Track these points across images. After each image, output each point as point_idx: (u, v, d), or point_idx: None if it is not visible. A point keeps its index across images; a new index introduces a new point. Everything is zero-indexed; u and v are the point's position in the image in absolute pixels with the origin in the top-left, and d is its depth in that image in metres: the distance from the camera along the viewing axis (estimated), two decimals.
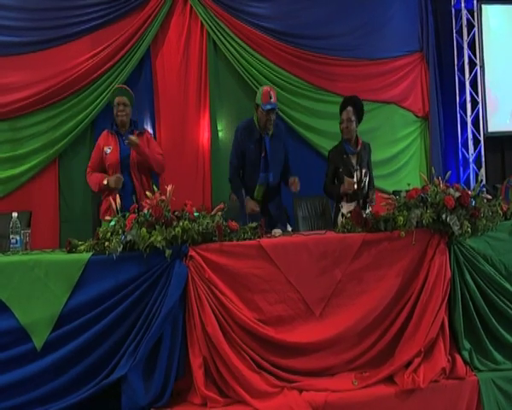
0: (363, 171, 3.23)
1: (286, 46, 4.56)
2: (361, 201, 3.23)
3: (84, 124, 4.21)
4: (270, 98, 3.02)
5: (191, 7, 4.46)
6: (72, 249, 2.31)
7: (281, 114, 4.54)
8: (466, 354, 2.29)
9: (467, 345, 2.31)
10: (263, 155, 3.08)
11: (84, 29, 4.26)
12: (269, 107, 3.00)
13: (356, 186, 3.18)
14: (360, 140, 3.31)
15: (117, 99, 3.16)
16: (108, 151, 3.10)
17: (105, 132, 3.22)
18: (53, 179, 4.20)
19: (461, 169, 5.25)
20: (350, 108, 3.23)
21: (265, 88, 3.08)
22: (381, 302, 2.30)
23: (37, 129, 4.17)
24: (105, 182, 3.04)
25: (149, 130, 4.37)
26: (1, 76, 4.09)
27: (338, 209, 3.31)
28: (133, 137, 3.05)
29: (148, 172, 3.23)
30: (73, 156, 4.27)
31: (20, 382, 2.05)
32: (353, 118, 3.22)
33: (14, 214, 2.40)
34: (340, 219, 3.22)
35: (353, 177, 3.20)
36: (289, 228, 3.76)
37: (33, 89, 4.11)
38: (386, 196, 2.73)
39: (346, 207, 3.22)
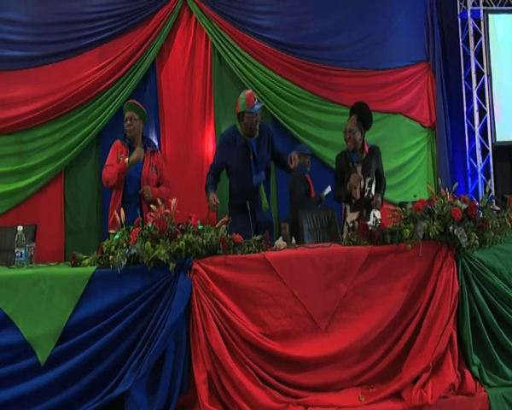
0: (368, 180, 3.22)
1: (291, 57, 4.61)
2: (364, 210, 3.23)
3: (90, 137, 4.27)
4: (255, 100, 3.10)
5: (196, 19, 4.54)
6: (76, 263, 2.33)
7: (285, 125, 4.59)
8: (475, 369, 2.27)
9: (476, 360, 2.29)
10: (251, 157, 3.10)
11: (90, 43, 4.34)
12: (257, 108, 3.07)
13: (359, 195, 3.18)
14: (367, 146, 3.30)
15: (126, 114, 3.26)
16: (121, 158, 3.17)
17: (118, 142, 3.27)
18: (58, 192, 4.25)
19: (469, 179, 5.22)
20: (353, 118, 3.22)
21: (247, 93, 3.13)
22: (387, 316, 2.29)
23: (43, 142, 4.23)
24: (126, 160, 3.09)
25: (154, 141, 4.42)
26: (8, 90, 4.18)
27: (344, 218, 3.32)
28: (147, 192, 3.12)
29: (155, 186, 3.29)
30: (79, 169, 4.32)
31: (23, 396, 2.07)
32: (356, 128, 3.20)
33: (20, 228, 2.44)
34: (345, 228, 3.23)
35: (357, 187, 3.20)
36: (294, 241, 3.76)
37: (39, 102, 4.19)
38: (392, 207, 2.72)
39: (350, 217, 3.23)
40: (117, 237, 2.25)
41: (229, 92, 4.54)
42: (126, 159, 3.12)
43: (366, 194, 3.21)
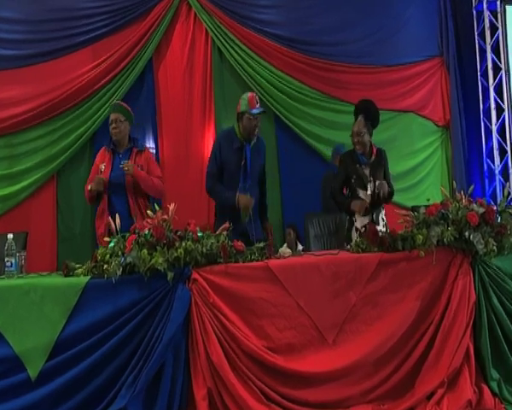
0: (378, 182, 3.23)
1: (295, 53, 4.63)
2: (374, 215, 3.23)
3: (83, 139, 4.30)
4: (257, 103, 3.11)
5: (195, 14, 4.57)
6: (69, 273, 2.34)
7: (290, 124, 4.59)
8: (494, 384, 2.26)
9: (495, 374, 2.28)
10: (242, 162, 3.11)
11: (83, 40, 4.39)
12: (257, 111, 3.07)
13: (367, 206, 3.17)
14: (375, 149, 3.30)
15: (111, 116, 3.22)
16: (103, 169, 3.16)
17: (102, 149, 3.29)
18: (50, 197, 4.29)
19: (486, 182, 5.21)
20: (360, 119, 3.20)
21: (250, 94, 3.15)
22: (399, 328, 2.28)
23: (34, 145, 4.27)
24: (89, 188, 3.12)
25: (151, 145, 4.44)
26: None
27: (351, 223, 3.31)
28: (128, 166, 3.09)
29: (145, 193, 3.27)
30: (71, 173, 4.36)
31: None
32: (364, 130, 3.19)
33: (10, 236, 2.45)
34: (354, 234, 3.23)
35: (367, 189, 3.20)
36: (300, 247, 3.76)
37: (31, 103, 4.23)
38: (404, 212, 2.72)
39: (360, 222, 3.22)
40: (112, 244, 2.26)
41: (231, 90, 4.56)
42: (89, 186, 3.11)
43: (376, 197, 3.21)
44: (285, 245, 4.26)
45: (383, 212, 3.30)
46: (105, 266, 2.20)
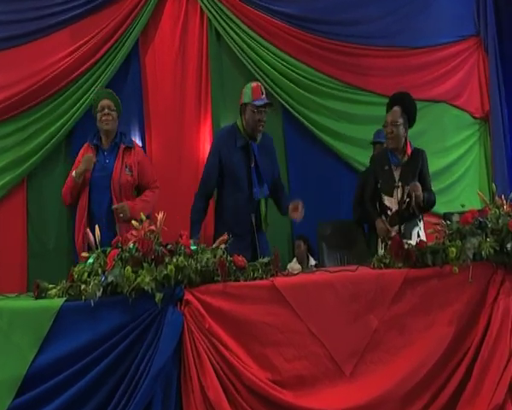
0: (407, 188, 3.24)
1: (306, 34, 4.63)
2: (403, 225, 3.23)
3: (59, 137, 4.33)
4: (262, 94, 3.13)
5: None
6: (41, 294, 2.36)
7: (300, 118, 4.60)
8: None
9: None
10: (252, 165, 3.12)
11: (60, 21, 4.41)
12: (262, 102, 3.10)
13: (389, 233, 3.19)
14: (410, 148, 3.33)
15: (102, 102, 3.26)
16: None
17: (86, 145, 3.33)
18: (20, 205, 4.30)
19: None
20: (397, 109, 3.26)
21: (254, 84, 3.20)
22: (429, 358, 2.28)
23: (1, 144, 4.30)
24: (73, 174, 3.11)
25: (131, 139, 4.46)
26: None
27: (377, 234, 3.32)
28: (122, 210, 3.08)
29: (133, 197, 3.30)
30: (45, 176, 4.37)
31: None
32: (400, 121, 3.24)
33: None
34: (379, 242, 3.24)
35: (392, 195, 3.22)
36: (312, 262, 3.77)
37: None
38: (434, 220, 2.73)
39: None
40: (90, 261, 2.28)
41: (230, 79, 4.58)
42: (73, 172, 3.13)
43: (404, 206, 3.22)
44: (294, 260, 4.27)
45: (420, 226, 3.30)
46: (82, 286, 2.22)
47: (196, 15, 4.61)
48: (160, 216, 2.34)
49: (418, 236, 3.24)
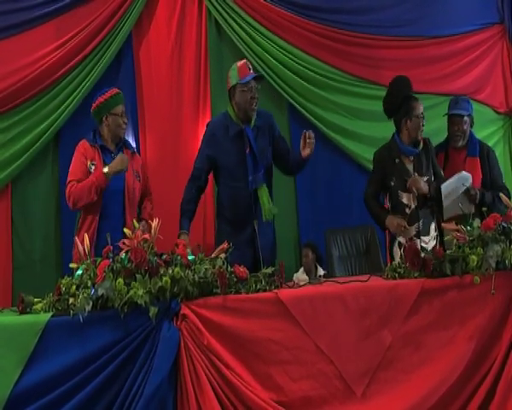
0: (425, 180, 3.24)
1: (313, 24, 4.65)
2: (421, 223, 3.23)
3: (45, 138, 4.34)
4: (250, 70, 3.17)
5: None
6: (25, 309, 2.37)
7: (307, 114, 4.61)
8: None
9: None
10: (247, 150, 3.15)
11: (45, 13, 4.42)
12: (251, 77, 3.13)
13: (405, 225, 3.19)
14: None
15: (121, 107, 3.32)
16: (93, 168, 3.22)
17: (85, 143, 3.31)
18: (4, 213, 4.30)
19: None
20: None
21: (239, 62, 3.24)
22: (449, 376, 2.28)
23: None
24: (105, 170, 3.11)
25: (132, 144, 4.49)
26: None
27: (393, 237, 3.32)
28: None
29: (140, 204, 3.39)
30: (31, 181, 4.39)
31: None
32: None
33: None
34: (397, 250, 3.24)
35: (409, 191, 3.22)
36: (321, 272, 3.77)
37: None
38: (452, 226, 2.72)
39: (405, 233, 3.23)
40: (79, 272, 2.29)
41: None
42: (105, 169, 3.13)
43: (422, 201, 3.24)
44: (301, 270, 4.26)
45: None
46: (71, 299, 2.23)
47: (194, 5, 4.63)
48: (154, 224, 2.35)
49: (436, 230, 3.28)
